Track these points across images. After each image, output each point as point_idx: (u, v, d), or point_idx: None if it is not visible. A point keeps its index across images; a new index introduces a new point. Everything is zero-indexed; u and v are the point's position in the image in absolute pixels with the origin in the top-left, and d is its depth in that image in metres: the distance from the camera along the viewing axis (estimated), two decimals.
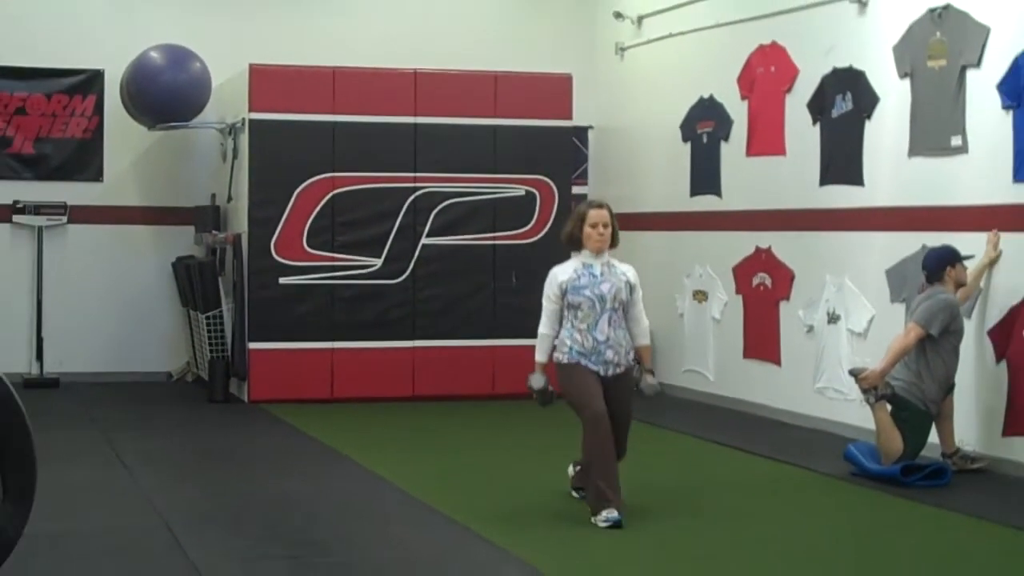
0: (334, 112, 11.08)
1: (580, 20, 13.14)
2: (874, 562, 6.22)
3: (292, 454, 9.01)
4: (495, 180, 11.40)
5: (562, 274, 7.01)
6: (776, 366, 10.46)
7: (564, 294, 6.95)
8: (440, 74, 11.44)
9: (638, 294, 7.10)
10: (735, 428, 9.97)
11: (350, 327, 11.12)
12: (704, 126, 11.37)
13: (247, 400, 11.03)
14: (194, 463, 8.67)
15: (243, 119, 11.11)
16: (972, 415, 8.33)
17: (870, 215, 9.41)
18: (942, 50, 8.68)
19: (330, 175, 11.06)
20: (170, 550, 6.27)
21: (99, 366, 12.21)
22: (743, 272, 10.84)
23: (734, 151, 10.98)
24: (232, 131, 11.47)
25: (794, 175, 10.20)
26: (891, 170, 9.21)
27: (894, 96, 9.15)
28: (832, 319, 9.75)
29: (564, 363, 6.98)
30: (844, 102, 9.65)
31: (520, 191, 11.46)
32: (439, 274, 11.27)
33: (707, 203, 11.34)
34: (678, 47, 11.72)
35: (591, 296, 6.92)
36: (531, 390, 7.08)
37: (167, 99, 11.62)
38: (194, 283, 11.62)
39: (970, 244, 8.24)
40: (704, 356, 11.34)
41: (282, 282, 10.99)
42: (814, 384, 9.92)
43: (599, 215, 7.00)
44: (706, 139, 11.35)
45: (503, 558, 6.18)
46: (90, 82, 12.22)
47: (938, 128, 8.71)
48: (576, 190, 12.10)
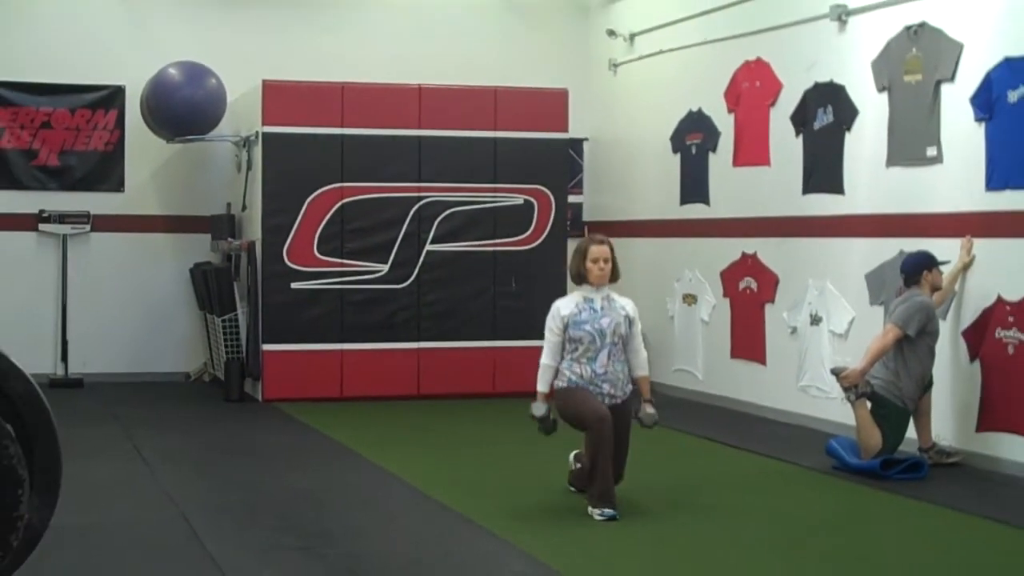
0: (343, 125, 11.07)
1: (575, 38, 13.14)
2: (855, 551, 6.21)
3: (304, 450, 9.01)
4: (495, 190, 11.40)
5: (564, 308, 6.97)
6: (762, 365, 10.45)
7: (566, 328, 6.92)
8: (443, 89, 11.44)
9: (637, 327, 7.06)
10: (723, 424, 9.96)
11: (358, 329, 11.11)
12: (693, 138, 11.37)
13: (261, 399, 11.02)
14: (211, 459, 8.66)
15: (257, 132, 11.11)
16: (948, 412, 8.32)
17: (850, 222, 9.40)
18: (918, 65, 8.68)
19: (339, 185, 11.06)
20: (188, 541, 6.27)
21: (121, 367, 12.20)
22: (730, 276, 10.83)
23: (721, 161, 10.98)
24: (246, 144, 11.47)
25: (778, 184, 10.20)
26: (870, 179, 9.21)
27: (873, 109, 9.15)
28: (814, 321, 9.74)
29: (563, 387, 6.95)
30: (825, 115, 9.65)
31: (519, 200, 11.46)
32: (442, 279, 11.27)
33: (696, 211, 11.34)
34: (668, 63, 11.72)
35: (591, 331, 6.88)
36: (533, 418, 7.01)
37: (185, 113, 11.62)
38: (211, 288, 11.62)
39: (945, 249, 8.24)
40: (693, 356, 11.34)
41: (294, 287, 10.98)
42: (797, 383, 9.91)
43: (600, 251, 6.97)
44: (695, 150, 11.34)
45: (505, 549, 6.18)
46: (112, 97, 12.21)
47: (914, 139, 8.71)
48: (572, 199, 12.13)
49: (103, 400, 11.10)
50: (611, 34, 12.54)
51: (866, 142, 9.22)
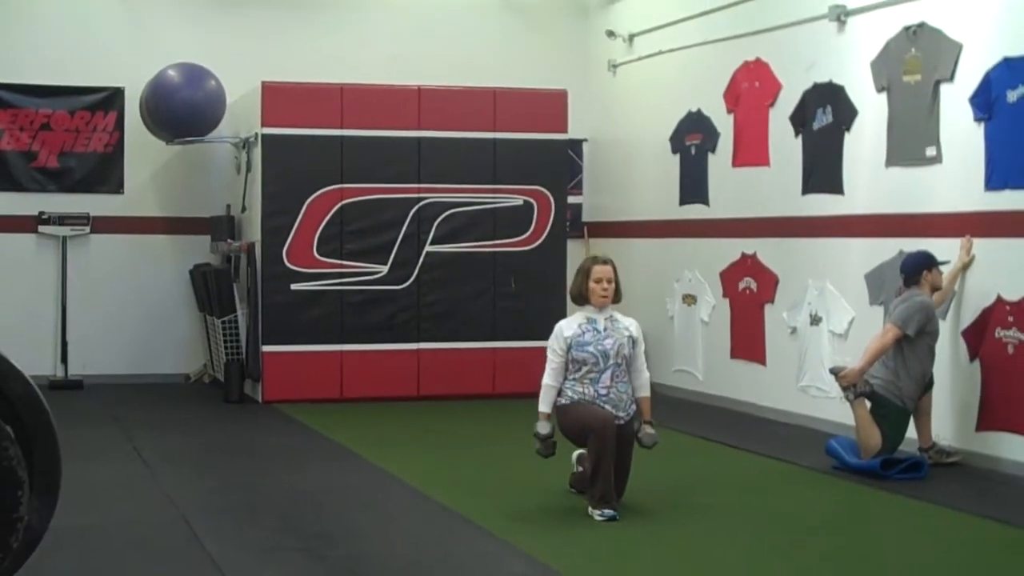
0: (342, 127, 11.07)
1: (575, 39, 13.14)
2: (855, 551, 6.21)
3: (304, 451, 9.00)
4: (495, 191, 11.40)
5: (567, 329, 6.92)
6: (761, 366, 10.45)
7: (569, 349, 6.87)
8: (443, 90, 11.43)
9: (640, 347, 7.00)
10: (723, 425, 9.96)
11: (358, 330, 11.11)
12: (692, 138, 11.37)
13: (261, 400, 11.02)
14: (211, 460, 8.66)
15: (256, 134, 11.11)
16: (948, 411, 8.32)
17: (850, 222, 9.40)
18: (917, 65, 8.68)
19: (339, 186, 11.06)
20: (188, 542, 6.27)
21: (121, 368, 12.20)
22: (730, 277, 10.83)
23: (721, 162, 10.98)
24: (246, 145, 11.46)
25: (778, 184, 10.20)
26: (869, 179, 9.21)
27: (872, 109, 9.15)
28: (814, 321, 9.74)
29: (564, 404, 6.92)
30: (825, 115, 9.65)
31: (518, 201, 11.46)
32: (442, 280, 11.27)
33: (695, 211, 11.34)
34: (667, 64, 11.72)
35: (595, 352, 6.84)
36: (539, 436, 6.91)
37: (184, 115, 11.61)
38: (210, 289, 11.62)
39: (945, 249, 8.24)
40: (693, 356, 11.34)
41: (294, 288, 10.98)
42: (797, 383, 9.91)
43: (603, 271, 6.91)
44: (694, 151, 11.34)
45: (505, 549, 6.18)
46: (111, 99, 12.21)
47: (914, 139, 8.71)
48: (572, 200, 12.13)
49: (103, 402, 11.10)
50: (610, 35, 12.54)
51: (865, 142, 9.22)
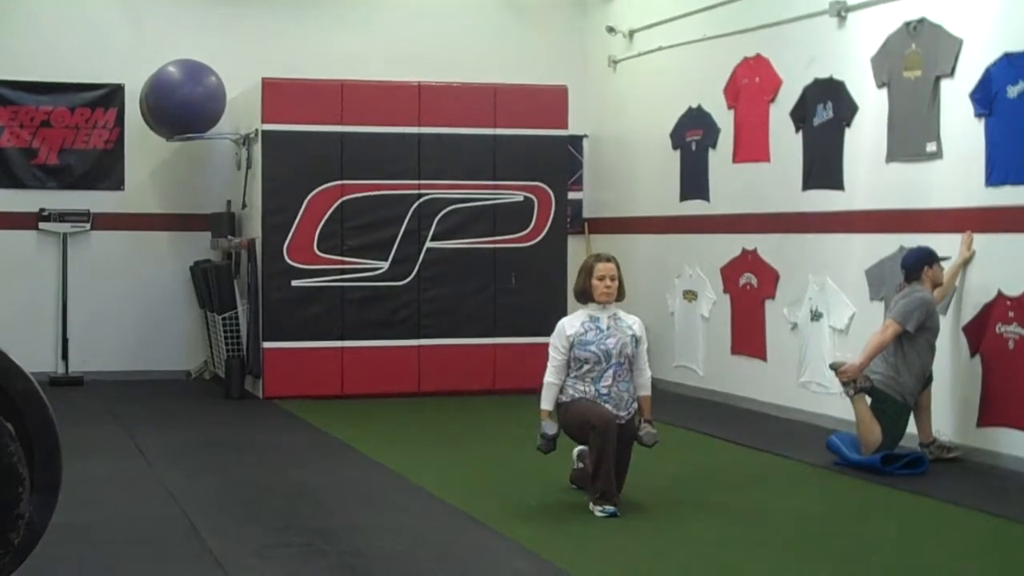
0: (342, 123, 11.06)
1: (574, 35, 13.14)
2: (856, 546, 6.21)
3: (304, 447, 9.00)
4: (495, 187, 11.40)
5: (570, 327, 6.90)
6: (762, 361, 10.45)
7: (571, 347, 6.85)
8: (443, 87, 11.43)
9: (643, 346, 6.98)
10: (723, 421, 9.96)
11: (359, 327, 11.11)
12: (693, 134, 11.36)
13: (262, 396, 11.02)
14: (211, 456, 8.66)
15: (256, 130, 11.10)
16: (948, 407, 8.32)
17: (850, 218, 9.40)
18: (917, 61, 8.67)
19: (339, 183, 11.05)
20: (189, 538, 6.27)
21: (121, 365, 12.20)
22: (730, 272, 10.83)
23: (721, 158, 10.97)
24: (246, 141, 11.46)
25: (778, 180, 10.19)
26: (870, 175, 9.20)
27: (872, 105, 9.14)
28: (815, 317, 9.74)
29: (565, 401, 6.91)
30: (825, 111, 9.64)
31: (519, 197, 11.45)
32: (443, 276, 11.26)
33: (696, 207, 11.34)
34: (667, 60, 11.71)
35: (597, 352, 6.83)
36: (544, 437, 6.88)
37: (184, 112, 11.61)
38: (211, 286, 11.62)
39: (945, 245, 8.24)
40: (694, 352, 11.34)
41: (294, 284, 10.98)
42: (798, 378, 9.91)
43: (606, 268, 6.90)
44: (695, 147, 11.34)
45: (506, 545, 6.18)
46: (111, 96, 12.21)
47: (914, 135, 8.70)
48: (572, 196, 12.13)
49: (103, 398, 11.10)
50: (610, 31, 12.53)
51: (866, 138, 9.22)
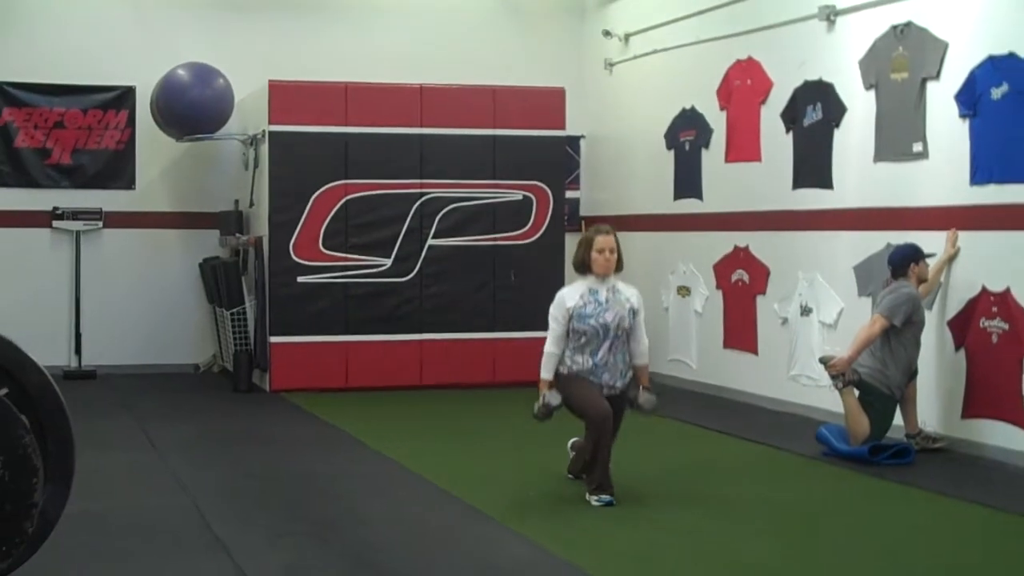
0: (347, 124, 11.06)
1: (572, 38, 13.14)
2: (844, 534, 6.22)
3: (310, 438, 9.00)
4: (494, 186, 11.39)
5: (570, 299, 6.87)
6: (753, 355, 10.45)
7: (571, 319, 6.83)
8: (444, 88, 11.43)
9: (640, 317, 6.96)
10: (716, 413, 9.96)
11: (363, 322, 11.11)
12: (686, 135, 11.36)
13: (269, 389, 11.02)
14: (220, 447, 8.66)
15: (263, 131, 11.10)
16: (933, 399, 8.33)
17: (839, 216, 9.40)
18: (904, 64, 8.67)
19: (343, 182, 11.05)
20: (198, 526, 6.27)
21: (132, 359, 12.20)
22: (723, 269, 10.83)
23: (714, 158, 10.97)
24: (253, 142, 11.46)
25: (769, 179, 10.19)
26: (858, 174, 9.20)
27: (860, 106, 9.14)
28: (804, 312, 9.74)
29: (564, 374, 6.90)
30: (814, 112, 9.64)
31: (518, 196, 11.45)
32: (444, 273, 11.26)
33: (689, 206, 11.33)
34: (662, 62, 11.71)
35: (595, 325, 6.80)
36: (548, 406, 6.84)
37: (193, 113, 11.61)
38: (219, 282, 11.61)
39: (931, 242, 8.24)
40: (687, 346, 11.34)
41: (300, 281, 10.98)
42: (788, 372, 9.91)
43: (606, 241, 6.87)
44: (688, 147, 11.33)
45: (505, 533, 6.18)
46: (123, 98, 12.20)
47: (901, 135, 8.70)
48: (569, 194, 12.12)
49: (115, 391, 11.10)
50: (607, 34, 12.53)
51: (854, 138, 9.22)
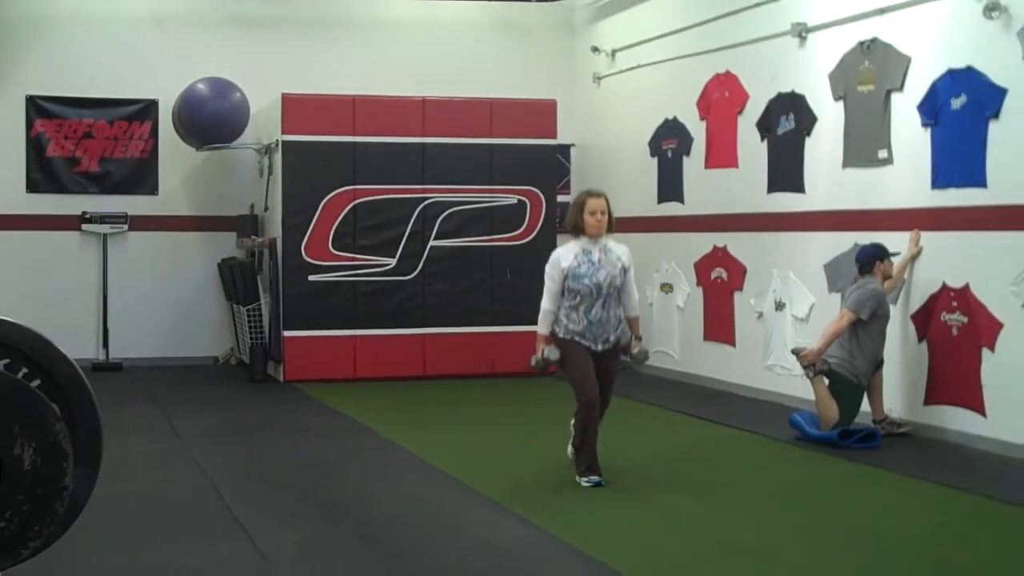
0: (354, 134, 11.05)
1: (563, 54, 13.13)
2: (816, 513, 6.22)
3: (321, 426, 9.00)
4: (491, 191, 11.39)
5: (564, 260, 6.77)
6: (731, 347, 10.46)
7: (565, 278, 6.76)
8: (444, 101, 11.42)
9: (631, 273, 6.90)
10: (697, 400, 9.96)
11: (370, 317, 11.10)
12: (669, 143, 11.36)
13: (283, 380, 11.02)
14: (238, 434, 8.66)
15: (277, 140, 11.10)
16: (898, 387, 8.33)
17: (810, 218, 9.40)
18: (870, 77, 8.68)
19: (352, 187, 11.05)
20: (217, 507, 6.28)
21: (156, 352, 12.20)
22: (703, 267, 10.83)
23: (694, 164, 10.97)
24: (268, 151, 11.45)
25: (746, 184, 10.19)
26: (828, 179, 9.21)
27: (830, 116, 9.14)
28: (778, 307, 9.75)
29: (560, 337, 6.82)
30: (788, 121, 9.64)
31: (513, 200, 11.45)
32: (445, 271, 11.26)
33: (672, 209, 11.34)
34: (646, 76, 11.71)
35: (589, 285, 6.73)
36: (549, 360, 6.76)
37: (212, 124, 11.61)
38: (236, 280, 11.61)
39: (895, 242, 8.25)
40: (670, 339, 11.34)
41: (311, 279, 10.98)
42: (764, 362, 9.92)
43: (597, 203, 6.77)
44: (670, 154, 11.34)
45: (505, 514, 6.18)
46: (146, 110, 12.20)
47: (867, 143, 8.71)
48: (560, 199, 12.09)
49: (140, 382, 11.09)
50: (595, 50, 12.52)
51: (824, 146, 9.22)
